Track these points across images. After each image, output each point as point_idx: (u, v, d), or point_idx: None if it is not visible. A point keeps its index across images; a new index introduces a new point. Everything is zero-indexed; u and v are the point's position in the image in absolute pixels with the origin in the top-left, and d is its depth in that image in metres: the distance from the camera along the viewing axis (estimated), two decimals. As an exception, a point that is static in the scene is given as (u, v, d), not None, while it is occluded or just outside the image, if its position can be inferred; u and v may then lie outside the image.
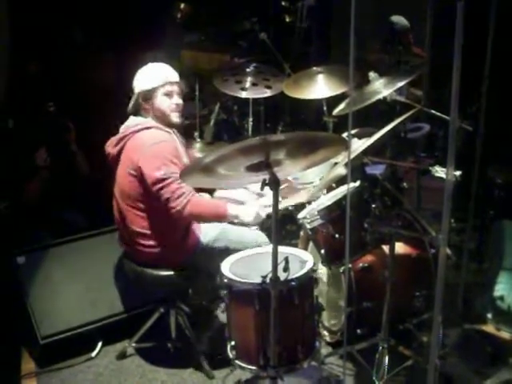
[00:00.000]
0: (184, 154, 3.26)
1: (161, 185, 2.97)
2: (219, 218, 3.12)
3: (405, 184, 3.33)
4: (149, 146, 3.02)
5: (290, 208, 3.60)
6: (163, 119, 3.19)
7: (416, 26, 5.04)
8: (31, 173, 3.81)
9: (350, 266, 3.20)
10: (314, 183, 3.65)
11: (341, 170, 3.10)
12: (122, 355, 3.46)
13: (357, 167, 3.10)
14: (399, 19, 5.05)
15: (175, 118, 3.21)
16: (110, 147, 3.19)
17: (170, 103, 3.18)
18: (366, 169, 3.20)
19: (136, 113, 3.21)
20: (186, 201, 2.98)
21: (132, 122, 3.18)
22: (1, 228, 3.73)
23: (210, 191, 3.52)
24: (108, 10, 4.68)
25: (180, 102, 3.23)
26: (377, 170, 3.28)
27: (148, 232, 3.11)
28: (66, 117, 4.03)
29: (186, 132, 3.27)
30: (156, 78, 3.17)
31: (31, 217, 3.83)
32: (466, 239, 3.74)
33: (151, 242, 3.12)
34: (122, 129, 3.18)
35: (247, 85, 4.23)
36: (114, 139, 3.18)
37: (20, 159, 3.79)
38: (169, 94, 3.18)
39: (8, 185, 3.77)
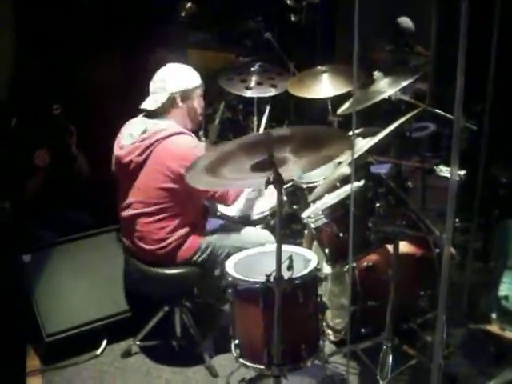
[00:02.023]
0: None
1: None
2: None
3: (409, 183, 3.33)
4: (187, 152, 3.01)
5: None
6: (193, 121, 3.25)
7: (421, 24, 5.05)
8: (30, 172, 3.81)
9: (354, 264, 3.20)
10: (318, 183, 3.65)
11: (345, 169, 3.10)
12: (127, 353, 3.47)
13: (361, 166, 3.10)
14: (405, 21, 5.05)
15: (200, 119, 3.33)
16: (134, 156, 3.08)
17: (200, 105, 3.26)
18: (371, 168, 3.20)
19: (159, 113, 3.14)
20: (232, 191, 3.16)
21: (153, 126, 3.09)
22: (6, 226, 3.74)
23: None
24: (113, 9, 4.68)
25: (203, 104, 3.32)
26: (382, 169, 3.29)
27: (160, 233, 3.12)
28: (69, 119, 4.03)
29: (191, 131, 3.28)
30: (195, 77, 3.21)
31: (36, 216, 3.84)
32: (470, 239, 3.73)
33: (161, 244, 3.13)
34: (142, 135, 3.07)
35: (252, 84, 4.22)
36: (136, 147, 3.07)
37: (20, 158, 3.79)
38: (200, 96, 3.25)
39: (11, 183, 3.78)
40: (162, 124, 3.10)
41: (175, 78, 3.15)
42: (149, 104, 3.15)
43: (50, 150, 3.85)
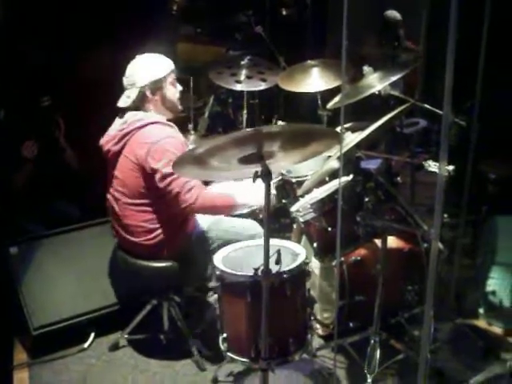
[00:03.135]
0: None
1: (169, 179, 2.95)
2: (229, 208, 3.11)
3: (399, 178, 3.33)
4: (156, 141, 2.98)
5: None
6: (171, 109, 3.19)
7: (411, 19, 5.05)
8: (18, 164, 3.80)
9: (342, 259, 3.21)
10: (307, 177, 3.64)
11: (334, 164, 3.10)
12: (115, 347, 3.47)
13: (350, 161, 3.10)
14: (392, 14, 5.06)
15: (179, 105, 3.25)
16: (111, 144, 3.09)
17: (175, 91, 3.20)
18: (361, 163, 3.20)
19: (135, 108, 3.12)
20: (196, 194, 2.96)
21: (132, 117, 3.08)
22: None
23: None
24: (102, 3, 4.66)
25: (181, 88, 3.26)
26: (372, 164, 3.29)
27: (146, 226, 3.10)
28: (57, 112, 4.01)
29: (181, 124, 3.26)
30: (163, 67, 3.13)
31: (24, 208, 3.82)
32: (458, 234, 3.75)
33: (148, 236, 3.11)
34: (122, 125, 3.08)
35: (242, 77, 4.22)
36: (114, 136, 3.08)
37: (8, 150, 3.77)
38: (173, 83, 3.18)
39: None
40: (141, 114, 3.09)
41: (142, 71, 3.09)
42: (122, 102, 3.12)
43: (38, 142, 3.83)
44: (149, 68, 3.10)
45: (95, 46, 4.68)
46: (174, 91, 3.19)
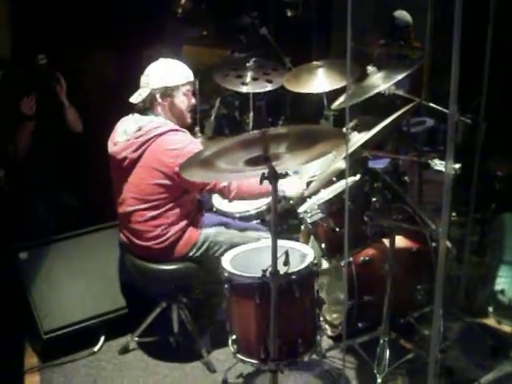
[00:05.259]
0: None
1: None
2: (265, 194, 3.12)
3: (406, 178, 3.33)
4: (184, 146, 3.00)
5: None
6: (178, 118, 3.19)
7: (418, 17, 5.04)
8: (18, 123, 3.81)
9: (350, 259, 3.21)
10: (315, 178, 3.65)
11: (340, 164, 3.10)
12: (125, 350, 3.47)
13: (357, 161, 3.10)
14: (402, 14, 5.05)
15: (189, 118, 3.27)
16: (129, 152, 3.06)
17: (188, 103, 3.21)
18: (369, 163, 3.20)
19: (144, 109, 3.14)
20: (235, 187, 3.08)
21: (148, 123, 3.07)
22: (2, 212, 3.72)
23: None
24: (109, 4, 4.67)
25: (195, 102, 3.28)
26: (380, 164, 3.29)
27: (157, 230, 3.11)
28: (57, 69, 4.01)
29: (187, 127, 3.28)
30: (180, 75, 3.15)
31: (30, 210, 3.85)
32: (467, 233, 3.74)
33: (158, 240, 3.12)
34: (137, 132, 3.06)
35: (248, 79, 4.23)
36: (131, 143, 3.05)
37: (7, 109, 3.77)
38: (187, 94, 3.19)
39: (2, 151, 3.76)
40: (157, 121, 3.09)
41: (158, 74, 3.11)
42: (134, 97, 3.14)
43: (37, 99, 3.84)
44: (165, 74, 3.12)
45: (101, 50, 4.69)
46: (185, 102, 3.20)
